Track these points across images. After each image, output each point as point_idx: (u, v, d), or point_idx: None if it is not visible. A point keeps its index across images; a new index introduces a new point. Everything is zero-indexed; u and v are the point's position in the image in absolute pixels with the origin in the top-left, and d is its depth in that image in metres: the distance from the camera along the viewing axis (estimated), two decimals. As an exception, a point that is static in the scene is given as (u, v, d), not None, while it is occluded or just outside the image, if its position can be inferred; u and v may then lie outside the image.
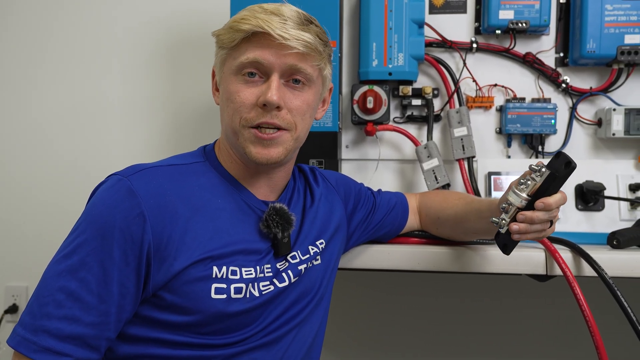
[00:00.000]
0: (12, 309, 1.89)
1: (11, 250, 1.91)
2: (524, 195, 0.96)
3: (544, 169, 0.95)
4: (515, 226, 0.97)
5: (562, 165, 0.93)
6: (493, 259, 1.21)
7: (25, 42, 1.89)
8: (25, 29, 1.89)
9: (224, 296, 0.91)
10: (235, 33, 0.94)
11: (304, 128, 1.00)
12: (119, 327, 0.90)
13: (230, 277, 0.92)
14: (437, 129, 1.58)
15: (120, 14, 1.86)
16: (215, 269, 0.91)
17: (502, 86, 1.57)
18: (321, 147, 1.47)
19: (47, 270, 0.89)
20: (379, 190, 1.29)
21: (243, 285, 0.93)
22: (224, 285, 0.92)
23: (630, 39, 1.46)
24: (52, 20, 1.88)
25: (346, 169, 1.61)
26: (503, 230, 0.99)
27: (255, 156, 0.96)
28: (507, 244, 1.03)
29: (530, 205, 0.96)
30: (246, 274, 0.94)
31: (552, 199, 0.95)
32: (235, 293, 0.92)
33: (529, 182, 0.96)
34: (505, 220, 0.98)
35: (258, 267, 0.96)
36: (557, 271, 1.17)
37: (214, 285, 0.91)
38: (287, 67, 0.95)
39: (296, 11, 0.96)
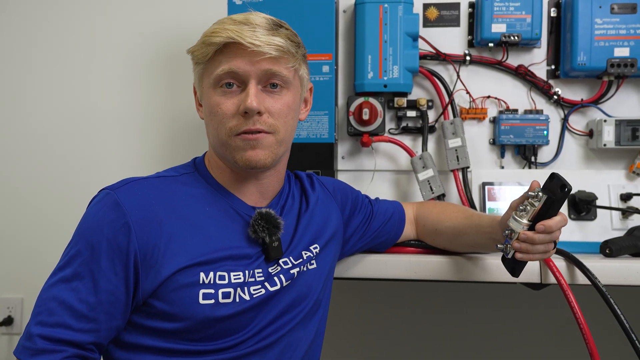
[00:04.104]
0: (7, 321, 1.88)
1: (6, 262, 1.90)
2: (525, 221, 0.98)
3: (540, 194, 0.96)
4: (517, 244, 0.99)
5: (557, 188, 0.95)
6: (489, 268, 1.23)
7: (20, 53, 1.90)
8: (20, 39, 1.90)
9: (212, 301, 0.93)
10: (208, 47, 0.97)
11: (287, 130, 1.02)
12: (112, 335, 0.93)
13: (218, 282, 0.94)
14: (431, 140, 1.60)
15: (117, 25, 1.87)
16: (202, 275, 0.93)
17: (495, 98, 1.59)
18: (317, 157, 1.48)
19: (44, 284, 0.93)
20: (377, 199, 1.30)
21: (231, 289, 0.94)
22: (212, 291, 0.93)
23: (619, 52, 1.49)
24: (48, 30, 1.89)
25: (342, 180, 1.61)
26: (509, 256, 1.02)
27: (247, 159, 0.98)
28: (514, 267, 1.06)
29: (532, 229, 0.98)
30: (235, 279, 0.95)
31: (552, 222, 0.97)
32: (223, 298, 0.94)
33: (528, 208, 0.98)
34: (510, 245, 1.01)
35: (247, 272, 0.97)
36: (552, 279, 1.19)
37: (201, 291, 0.93)
38: (262, 72, 0.97)
39: (264, 17, 0.98)
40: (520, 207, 0.99)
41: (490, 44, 1.55)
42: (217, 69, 0.97)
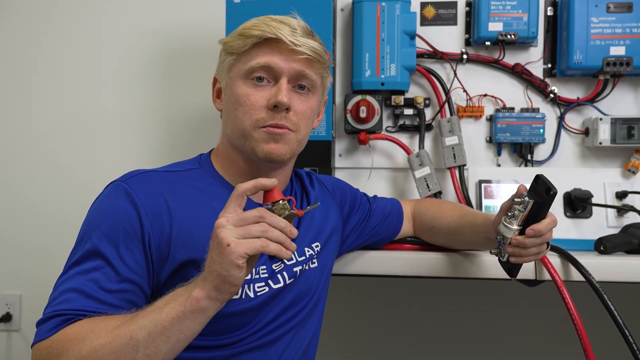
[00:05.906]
0: (6, 318, 1.89)
1: (5, 259, 1.91)
2: (514, 227, 0.99)
3: (527, 199, 0.97)
4: (509, 249, 1.01)
5: (543, 192, 0.95)
6: (484, 264, 1.24)
7: (19, 52, 1.90)
8: (18, 39, 1.90)
9: None
10: (246, 39, 0.99)
11: (306, 132, 1.04)
12: None
13: None
14: (428, 138, 1.61)
15: (116, 24, 1.88)
16: None
17: (492, 96, 1.60)
18: (315, 155, 1.49)
19: (57, 280, 0.90)
20: (375, 196, 1.31)
21: None
22: None
23: (615, 51, 1.50)
24: (47, 29, 1.89)
25: (339, 177, 1.62)
26: (504, 259, 1.04)
27: (268, 151, 0.99)
28: (511, 269, 1.07)
29: (523, 231, 0.99)
30: None
31: (541, 225, 0.97)
32: None
33: (516, 213, 0.99)
34: (503, 250, 1.02)
35: (254, 269, 0.97)
36: (547, 276, 1.19)
37: None
38: (295, 72, 0.99)
39: (303, 23, 1.02)
40: (509, 213, 1.00)
41: (487, 43, 1.56)
42: (252, 61, 0.99)
